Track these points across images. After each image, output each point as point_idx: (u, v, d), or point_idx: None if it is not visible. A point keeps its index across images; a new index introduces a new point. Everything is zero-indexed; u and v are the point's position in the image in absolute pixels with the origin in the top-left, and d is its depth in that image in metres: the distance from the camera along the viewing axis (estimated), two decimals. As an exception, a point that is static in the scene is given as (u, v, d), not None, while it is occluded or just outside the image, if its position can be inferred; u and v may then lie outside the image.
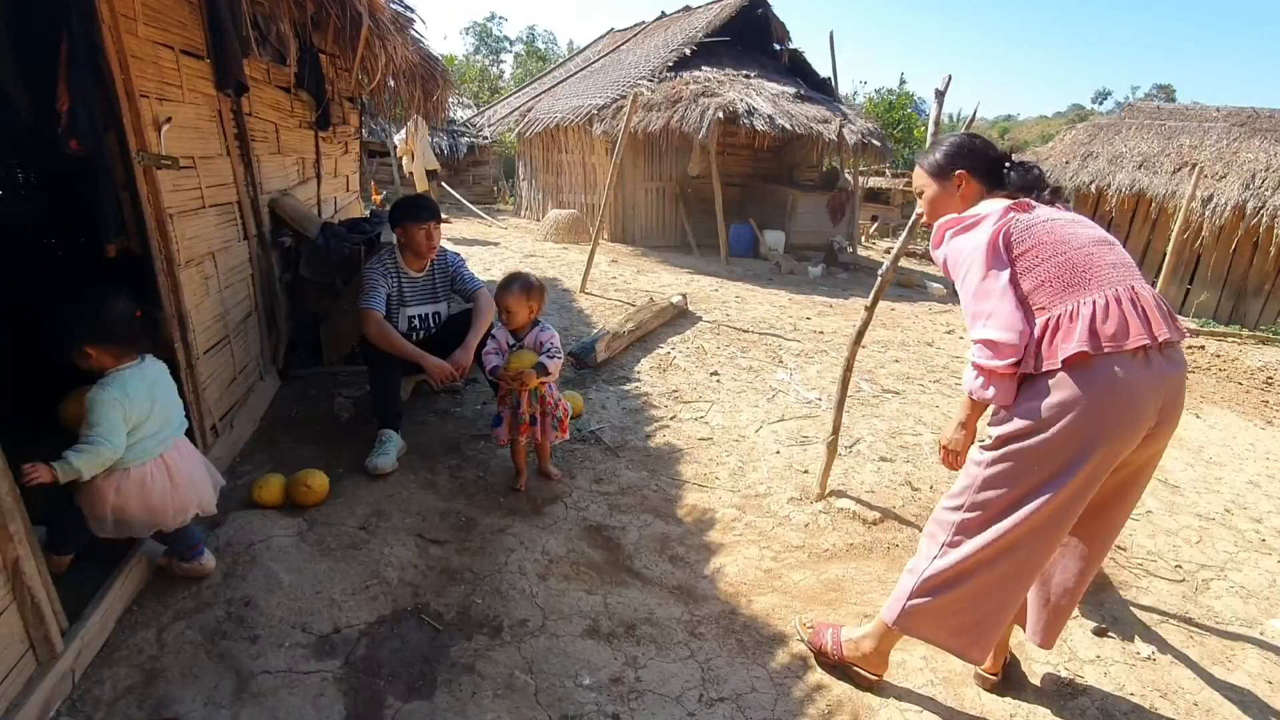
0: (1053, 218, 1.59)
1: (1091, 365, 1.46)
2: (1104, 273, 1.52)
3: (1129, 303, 1.48)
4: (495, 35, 36.82)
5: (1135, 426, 1.50)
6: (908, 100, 18.25)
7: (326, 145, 4.80)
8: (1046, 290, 1.52)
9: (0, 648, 1.47)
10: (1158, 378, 1.49)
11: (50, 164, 3.50)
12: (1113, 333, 1.45)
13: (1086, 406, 1.47)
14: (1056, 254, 1.53)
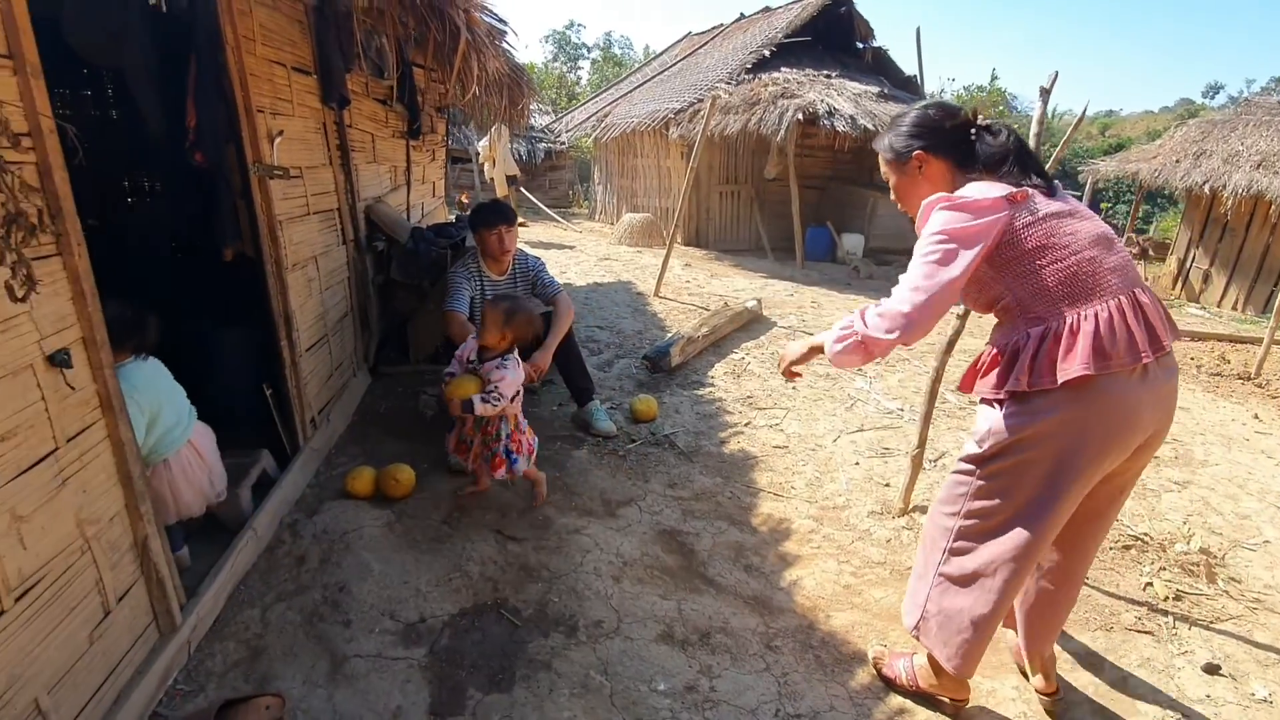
0: (1051, 212, 1.44)
1: (1092, 384, 1.37)
2: (1106, 280, 1.40)
3: (1132, 314, 1.38)
4: (573, 42, 37.59)
5: (1130, 440, 1.44)
6: (999, 97, 17.32)
7: (416, 153, 5.03)
8: (1044, 298, 1.41)
9: (130, 619, 1.62)
10: (1154, 390, 1.42)
11: (173, 174, 3.84)
12: (1119, 350, 1.35)
13: (1082, 421, 1.40)
14: (1058, 260, 1.41)
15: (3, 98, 1.25)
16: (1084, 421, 1.39)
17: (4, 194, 1.21)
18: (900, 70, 10.70)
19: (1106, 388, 1.37)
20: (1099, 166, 11.46)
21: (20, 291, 1.24)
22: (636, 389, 3.90)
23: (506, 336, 2.44)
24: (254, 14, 2.33)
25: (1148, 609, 2.27)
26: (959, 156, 1.54)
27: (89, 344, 1.48)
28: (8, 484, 1.26)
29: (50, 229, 1.35)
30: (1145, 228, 16.69)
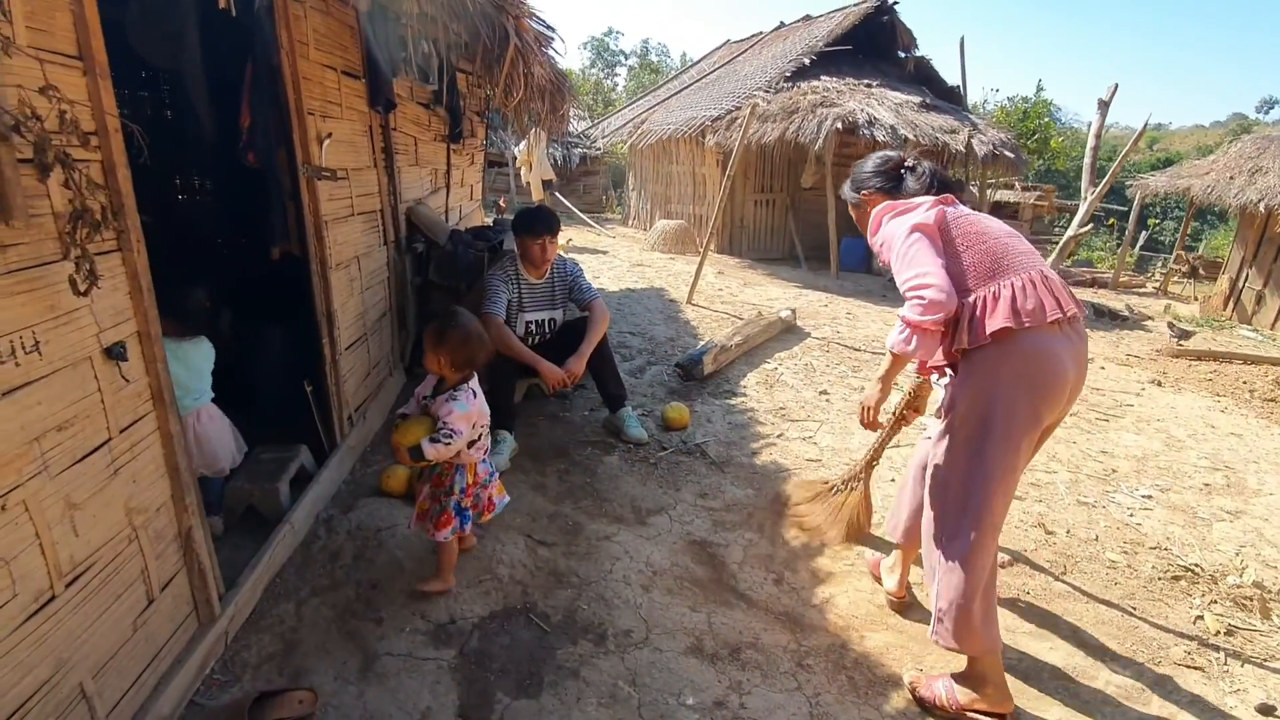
0: (970, 214, 1.79)
1: (1016, 338, 1.62)
2: (1018, 259, 1.70)
3: (1041, 285, 1.66)
4: (611, 49, 37.87)
5: (1061, 388, 1.67)
6: (1044, 108, 16.91)
7: (456, 157, 5.10)
8: (972, 274, 1.70)
9: (171, 608, 1.65)
10: (1072, 346, 1.67)
11: (221, 174, 3.96)
12: (1031, 309, 1.62)
13: (1017, 372, 1.64)
14: (979, 243, 1.72)
15: (73, 98, 1.29)
16: (1017, 371, 1.64)
17: (72, 191, 1.25)
18: (943, 80, 10.53)
19: (1031, 340, 1.63)
20: (1148, 181, 11.12)
21: (83, 285, 1.28)
22: (668, 396, 3.88)
23: (443, 362, 1.98)
24: (308, 19, 2.39)
25: (1198, 643, 2.17)
26: (890, 188, 1.92)
27: (144, 338, 1.52)
28: (63, 472, 1.29)
29: (113, 225, 1.39)
30: (1194, 245, 16.13)
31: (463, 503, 2.03)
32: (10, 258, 1.17)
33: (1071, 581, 2.45)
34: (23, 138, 1.15)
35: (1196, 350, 6.19)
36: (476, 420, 1.99)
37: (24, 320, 1.20)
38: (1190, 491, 3.21)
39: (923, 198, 1.81)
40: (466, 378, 2.02)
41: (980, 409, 1.69)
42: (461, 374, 2.01)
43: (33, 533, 1.22)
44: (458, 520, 2.02)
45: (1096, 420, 4.08)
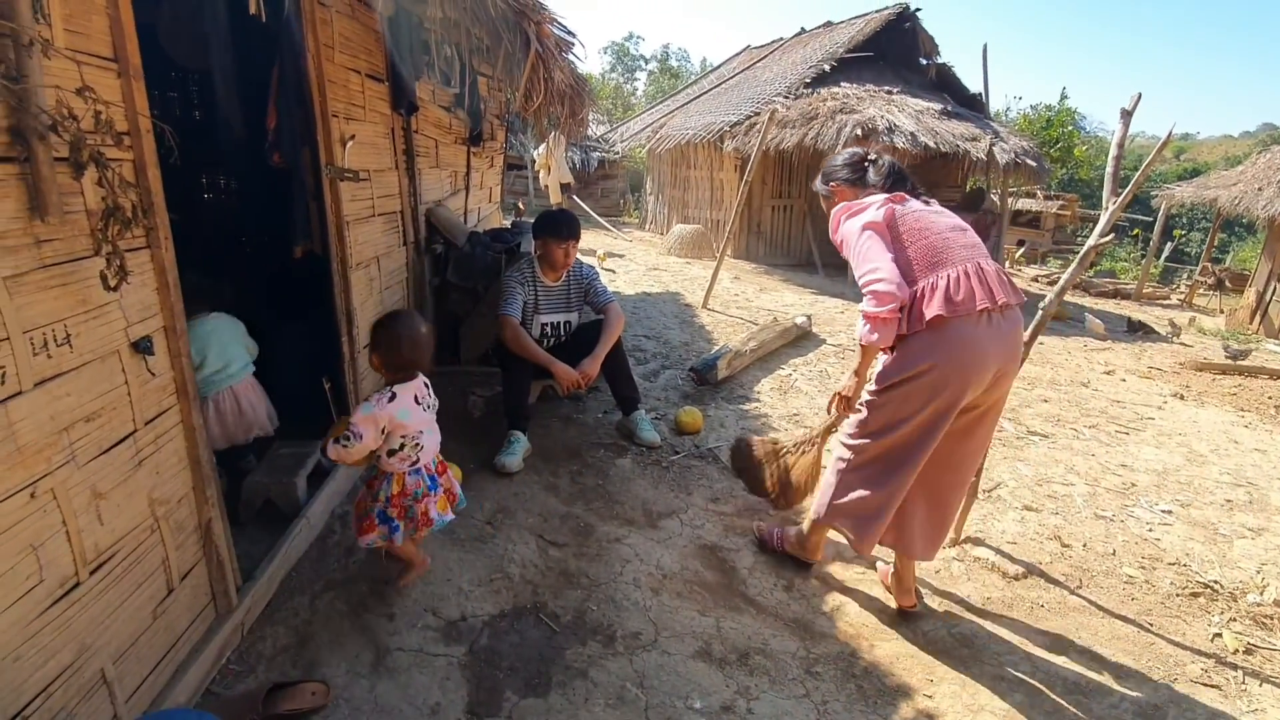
0: (919, 210, 1.98)
1: (947, 325, 1.84)
2: (958, 253, 1.89)
3: (975, 276, 1.86)
4: (631, 54, 38.02)
5: (981, 371, 1.87)
6: (1068, 116, 16.72)
7: (476, 159, 5.15)
8: (915, 266, 1.90)
9: (190, 598, 1.69)
10: (998, 333, 1.87)
11: (248, 174, 4.03)
12: (962, 299, 1.83)
13: (944, 355, 1.85)
14: (922, 238, 1.91)
15: (108, 99, 1.33)
16: (946, 353, 1.85)
17: (104, 189, 1.29)
18: (965, 87, 10.44)
19: (959, 328, 1.84)
20: (1174, 191, 10.95)
21: (113, 281, 1.32)
22: (682, 400, 3.89)
23: (375, 361, 1.98)
24: (334, 24, 2.44)
25: (1215, 661, 2.13)
26: (856, 179, 2.12)
27: (169, 333, 1.56)
28: (90, 462, 1.33)
29: (143, 223, 1.43)
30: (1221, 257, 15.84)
31: (388, 511, 1.94)
32: (45, 253, 1.21)
33: (1087, 595, 2.42)
34: (59, 137, 1.19)
35: (1220, 364, 6.07)
36: (386, 426, 1.88)
37: (56, 313, 1.24)
38: (1211, 507, 3.16)
39: (875, 196, 2.01)
40: (399, 379, 1.95)
41: (909, 382, 1.91)
42: (394, 375, 1.95)
43: (60, 520, 1.26)
44: (384, 528, 1.95)
45: (1116, 433, 4.03)
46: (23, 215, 1.16)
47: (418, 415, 1.95)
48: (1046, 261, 14.83)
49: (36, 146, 1.15)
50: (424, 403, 1.99)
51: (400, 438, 1.92)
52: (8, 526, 1.15)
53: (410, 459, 1.96)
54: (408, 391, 1.93)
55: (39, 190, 1.17)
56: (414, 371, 1.98)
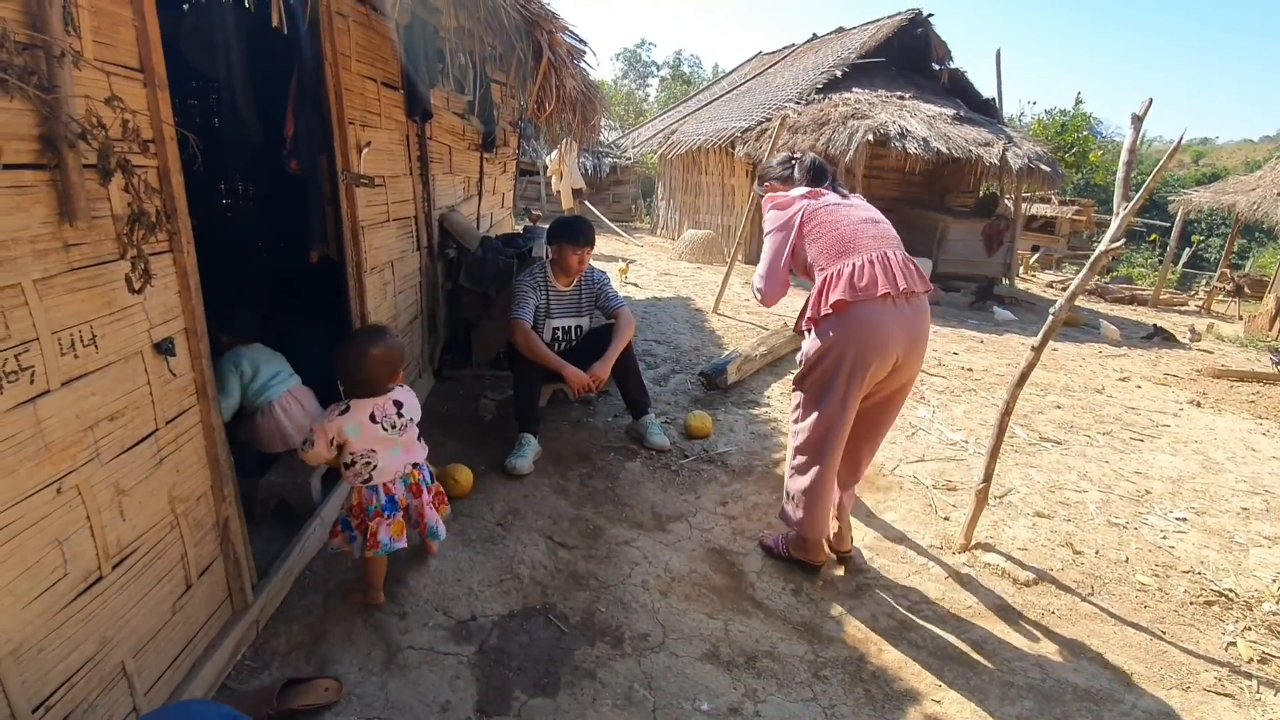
0: (833, 203, 2.21)
1: (850, 308, 2.04)
2: (865, 243, 2.10)
3: (879, 264, 2.06)
4: (643, 60, 38.18)
5: (884, 351, 2.07)
6: (1084, 121, 16.59)
7: (489, 165, 5.21)
8: (824, 256, 2.12)
9: (208, 594, 1.72)
10: (901, 317, 2.07)
11: (266, 180, 4.10)
12: (864, 285, 2.03)
13: (849, 336, 2.06)
14: (831, 230, 2.14)
15: (134, 107, 1.38)
16: (852, 334, 2.05)
17: (130, 195, 1.33)
18: (978, 92, 10.41)
19: (861, 311, 2.04)
20: (1191, 197, 10.84)
21: (138, 284, 1.36)
22: (691, 405, 3.90)
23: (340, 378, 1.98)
24: (351, 33, 2.48)
25: (1229, 670, 2.11)
26: (785, 176, 2.38)
27: (190, 335, 1.60)
28: (114, 459, 1.37)
29: (166, 227, 1.48)
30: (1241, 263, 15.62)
31: (349, 520, 2.00)
32: (73, 257, 1.25)
33: (1099, 603, 2.41)
34: (88, 145, 1.23)
35: (1239, 371, 6.00)
36: (335, 438, 1.89)
37: (83, 315, 1.28)
38: (1227, 515, 3.12)
39: (798, 190, 2.29)
40: (357, 394, 1.93)
41: (824, 363, 2.13)
42: (351, 391, 1.94)
43: (84, 516, 1.30)
44: (345, 535, 1.99)
45: (1130, 440, 3.99)
46: (53, 220, 1.20)
47: (370, 433, 1.91)
48: (1061, 267, 14.71)
49: (66, 154, 1.19)
50: (384, 422, 1.93)
51: (350, 453, 1.93)
52: (35, 521, 1.19)
53: (362, 475, 1.95)
54: (364, 408, 1.91)
55: (68, 196, 1.21)
56: (377, 389, 1.94)
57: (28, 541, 1.18)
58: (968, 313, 7.92)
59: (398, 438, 1.98)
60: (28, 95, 1.12)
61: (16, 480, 1.15)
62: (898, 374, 2.16)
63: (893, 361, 2.10)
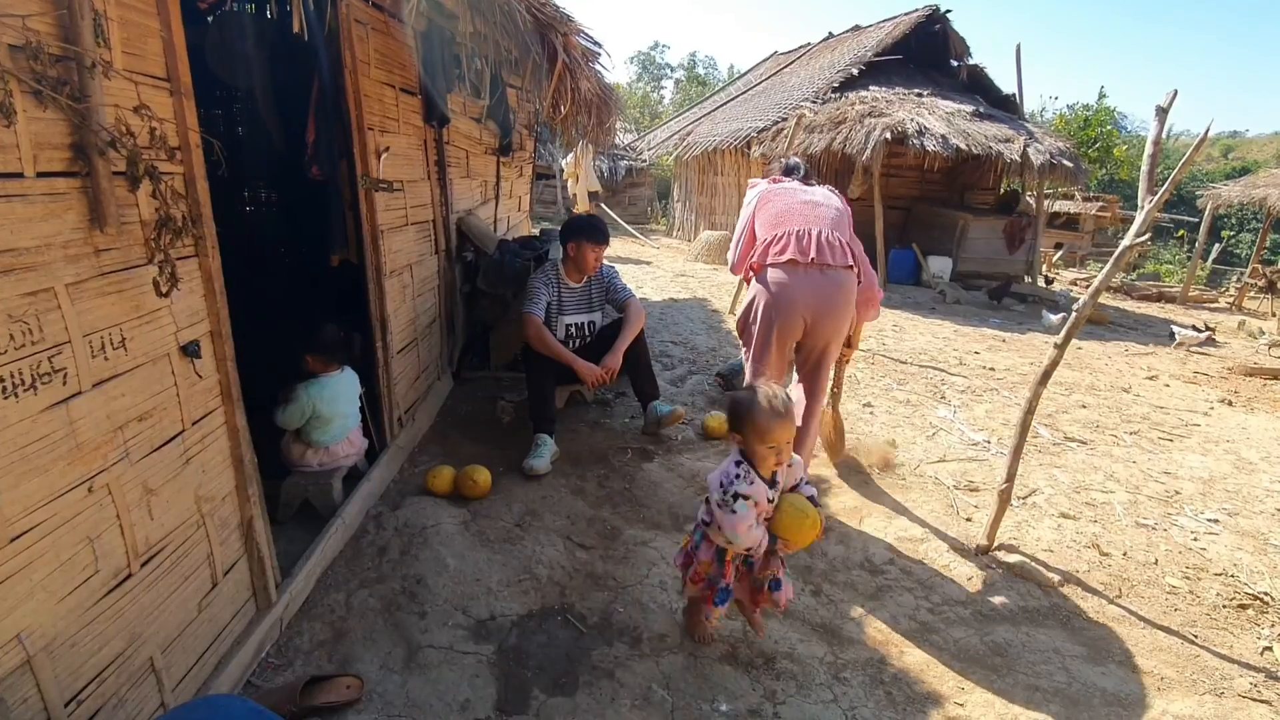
0: (788, 188, 2.65)
1: (764, 270, 2.52)
2: (794, 220, 2.51)
3: (797, 237, 2.47)
4: (657, 62, 38.25)
5: (789, 309, 2.48)
6: (1107, 115, 16.29)
7: (505, 169, 5.25)
8: (763, 228, 2.57)
9: (233, 592, 1.75)
10: (807, 283, 2.46)
11: (288, 186, 4.17)
12: (778, 252, 2.48)
13: (761, 291, 2.53)
14: (774, 208, 2.57)
15: (161, 116, 1.41)
16: (763, 290, 2.51)
17: (158, 200, 1.37)
18: (998, 89, 10.27)
19: (771, 274, 2.49)
20: (1221, 191, 10.60)
21: (165, 287, 1.39)
22: (708, 406, 3.89)
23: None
24: (370, 40, 2.52)
25: (1265, 675, 2.05)
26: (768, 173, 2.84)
27: (215, 337, 1.64)
28: (142, 459, 1.40)
29: (192, 232, 1.51)
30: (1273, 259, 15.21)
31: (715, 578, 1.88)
32: (103, 261, 1.28)
33: (1127, 605, 2.36)
34: (117, 153, 1.26)
35: (1272, 369, 5.84)
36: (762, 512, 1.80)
37: (113, 318, 1.31)
38: (1261, 516, 3.04)
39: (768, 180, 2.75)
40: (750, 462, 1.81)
41: (750, 311, 2.59)
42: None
43: (114, 514, 1.33)
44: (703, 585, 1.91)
45: (1159, 440, 3.90)
46: (83, 226, 1.24)
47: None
48: (1086, 264, 14.44)
49: (97, 161, 1.22)
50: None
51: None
52: (69, 519, 1.22)
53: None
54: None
55: (99, 202, 1.24)
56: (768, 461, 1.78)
57: (60, 539, 1.21)
58: (989, 311, 7.82)
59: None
60: (60, 105, 1.16)
61: (50, 479, 1.18)
62: (811, 335, 2.55)
63: (800, 319, 2.49)
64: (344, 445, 2.55)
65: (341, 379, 2.54)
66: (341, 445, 2.54)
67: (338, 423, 2.50)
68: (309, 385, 2.45)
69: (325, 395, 2.45)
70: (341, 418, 2.52)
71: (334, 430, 2.50)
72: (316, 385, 2.46)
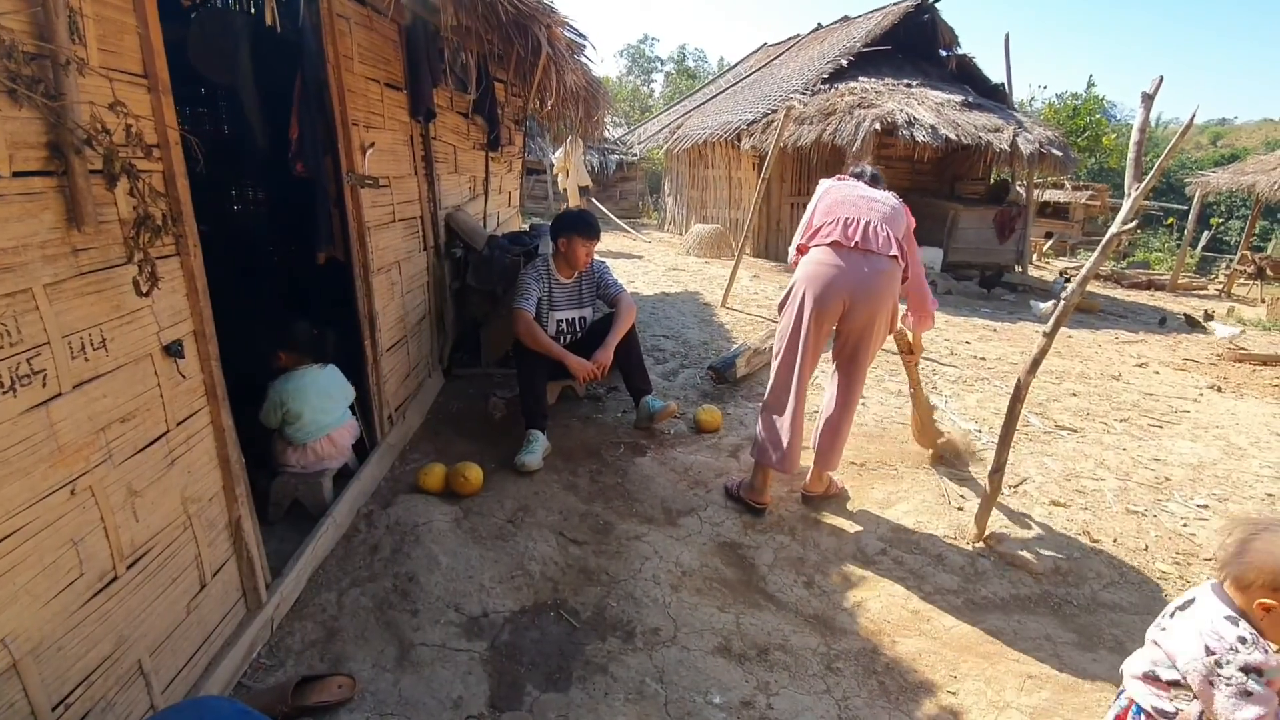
0: (849, 184, 2.71)
1: (809, 251, 2.61)
2: (843, 210, 2.58)
3: (844, 223, 2.54)
4: (647, 55, 38.09)
5: (828, 289, 2.51)
6: (1096, 104, 16.33)
7: (494, 164, 5.22)
8: (819, 216, 2.64)
9: (222, 593, 1.74)
10: (846, 263, 2.50)
11: (274, 184, 4.14)
12: (825, 234, 2.56)
13: (804, 274, 2.58)
14: (831, 199, 2.65)
15: (138, 113, 1.39)
16: (806, 272, 2.57)
17: (136, 199, 1.35)
18: (987, 78, 10.27)
19: (814, 254, 2.57)
20: (1209, 178, 10.65)
21: (145, 287, 1.38)
22: (701, 399, 3.89)
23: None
24: (353, 34, 2.49)
25: (1255, 660, 2.07)
26: (849, 173, 2.88)
27: (199, 337, 1.62)
28: (126, 461, 1.39)
29: (172, 231, 1.49)
30: (1263, 245, 15.32)
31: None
32: (81, 261, 1.27)
33: (1118, 592, 2.38)
34: (94, 150, 1.24)
35: (1261, 354, 5.89)
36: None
37: (93, 319, 1.29)
38: (1251, 502, 3.07)
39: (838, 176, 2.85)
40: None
41: (791, 291, 2.62)
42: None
43: (98, 516, 1.32)
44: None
45: (1149, 426, 3.93)
46: (61, 225, 1.22)
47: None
48: (1076, 254, 14.52)
49: (73, 160, 1.20)
50: None
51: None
52: (51, 521, 1.21)
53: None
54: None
55: (75, 201, 1.22)
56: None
57: (44, 542, 1.20)
58: (980, 301, 7.84)
59: None
60: (35, 104, 1.14)
61: (31, 482, 1.17)
62: (848, 319, 2.55)
63: (839, 303, 2.50)
64: (324, 444, 2.51)
65: (310, 374, 2.51)
66: (321, 444, 2.50)
67: (309, 418, 2.46)
68: (277, 381, 2.47)
69: (291, 389, 2.44)
70: (314, 413, 2.47)
71: (307, 427, 2.46)
72: (284, 379, 2.46)
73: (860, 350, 2.62)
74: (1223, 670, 1.20)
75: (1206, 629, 1.24)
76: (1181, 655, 1.27)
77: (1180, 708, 1.28)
